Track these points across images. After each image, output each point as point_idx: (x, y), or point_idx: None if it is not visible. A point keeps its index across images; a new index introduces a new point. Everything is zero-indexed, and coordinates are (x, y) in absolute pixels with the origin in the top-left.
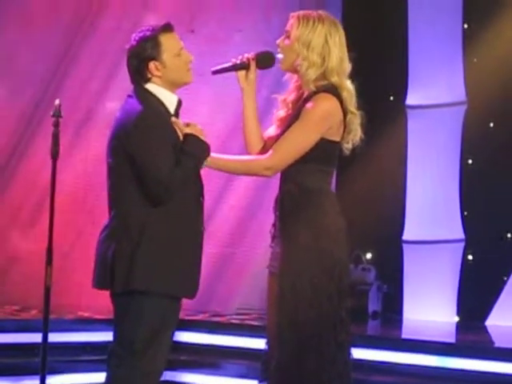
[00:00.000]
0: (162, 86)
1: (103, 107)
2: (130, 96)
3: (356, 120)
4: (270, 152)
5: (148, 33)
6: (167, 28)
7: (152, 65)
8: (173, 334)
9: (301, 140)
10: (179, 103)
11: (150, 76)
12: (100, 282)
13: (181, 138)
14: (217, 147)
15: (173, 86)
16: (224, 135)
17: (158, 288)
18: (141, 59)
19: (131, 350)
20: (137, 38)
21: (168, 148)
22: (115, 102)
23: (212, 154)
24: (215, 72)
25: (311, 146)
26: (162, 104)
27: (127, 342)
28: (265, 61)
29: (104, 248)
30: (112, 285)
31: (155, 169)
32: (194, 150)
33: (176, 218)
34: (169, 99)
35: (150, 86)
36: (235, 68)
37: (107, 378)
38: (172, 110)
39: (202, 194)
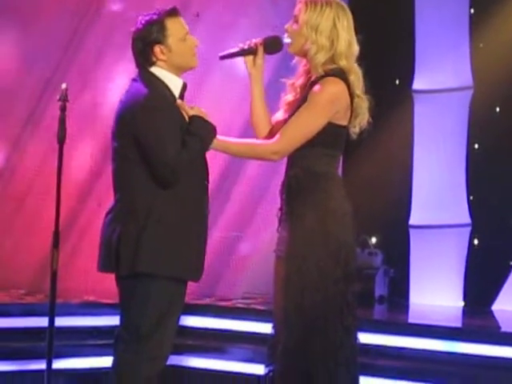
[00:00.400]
0: (166, 70)
1: (110, 93)
2: (134, 80)
3: (363, 104)
4: (277, 136)
5: (154, 17)
6: (173, 12)
7: (157, 48)
8: (179, 318)
9: (308, 124)
10: (184, 87)
11: (154, 60)
12: (105, 265)
13: (186, 120)
14: (222, 131)
15: (178, 70)
16: (229, 119)
17: (164, 271)
18: (146, 42)
19: (137, 335)
20: (143, 22)
21: (174, 130)
22: (120, 88)
23: (219, 137)
24: (222, 57)
25: (318, 130)
26: (167, 87)
27: (133, 326)
28: (273, 46)
29: (109, 231)
30: (117, 268)
31: (162, 151)
32: (200, 131)
33: (182, 201)
34: (174, 82)
35: (154, 70)
36: (243, 53)
37: (114, 362)
38: (177, 93)
39: (206, 178)
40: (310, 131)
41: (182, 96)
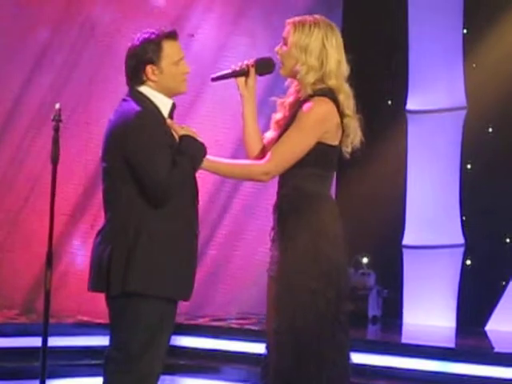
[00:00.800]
0: (155, 90)
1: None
2: (124, 100)
3: (354, 123)
4: (267, 157)
5: (152, 36)
6: (172, 35)
7: (149, 68)
8: (170, 337)
9: (297, 144)
10: (173, 106)
11: (145, 79)
12: (96, 285)
13: (177, 139)
14: (215, 150)
15: (167, 92)
16: (223, 139)
17: (155, 291)
18: (140, 60)
19: (128, 354)
20: (140, 39)
21: (165, 149)
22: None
23: (209, 157)
24: (215, 79)
25: (308, 150)
26: (156, 107)
27: (124, 345)
28: (264, 67)
29: (100, 250)
30: (108, 288)
31: (153, 170)
32: (191, 150)
33: (172, 221)
34: (163, 102)
35: (143, 89)
36: (235, 75)
37: (104, 382)
38: (166, 113)
39: (197, 198)
40: (300, 151)
41: (171, 116)
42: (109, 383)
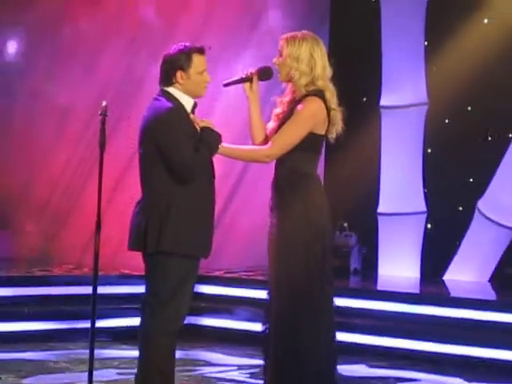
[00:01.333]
0: (181, 91)
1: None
2: (156, 99)
3: (338, 115)
4: (269, 143)
5: (185, 48)
6: (201, 50)
7: (179, 73)
8: (193, 286)
9: (293, 134)
10: (195, 105)
11: (174, 81)
12: (135, 245)
13: (198, 130)
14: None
15: (189, 94)
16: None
17: (181, 250)
18: (172, 66)
19: (159, 300)
20: (176, 49)
21: (189, 138)
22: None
23: (224, 144)
24: (226, 85)
25: (301, 138)
26: (181, 104)
27: (156, 293)
28: (265, 74)
29: (138, 220)
30: (145, 247)
31: (179, 154)
32: (209, 139)
33: (194, 195)
34: (187, 101)
35: (171, 90)
36: (241, 81)
37: (141, 322)
38: (189, 109)
39: (213, 176)
40: (295, 139)
41: (192, 112)
42: (145, 322)
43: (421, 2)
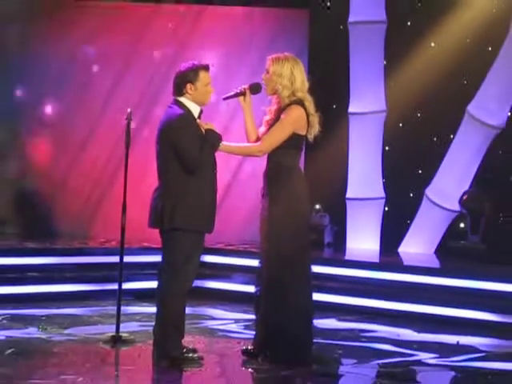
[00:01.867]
0: (190, 100)
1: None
2: (169, 106)
3: (315, 119)
4: (260, 141)
5: (194, 66)
6: (206, 67)
7: (189, 86)
8: (200, 256)
9: (279, 134)
10: (201, 111)
11: (184, 92)
12: (154, 224)
13: (203, 132)
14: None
15: (197, 103)
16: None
17: (190, 226)
18: (183, 80)
19: (173, 267)
20: (186, 66)
21: (196, 138)
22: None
23: (224, 143)
24: (225, 98)
25: (286, 137)
26: (190, 111)
27: (171, 262)
28: (255, 89)
29: (156, 203)
30: (162, 225)
31: (189, 151)
32: (212, 139)
33: (201, 183)
34: (194, 108)
35: (182, 99)
36: (237, 95)
37: (158, 285)
38: (196, 115)
39: (215, 168)
40: (281, 138)
41: (199, 117)
42: (162, 285)
43: (381, 30)
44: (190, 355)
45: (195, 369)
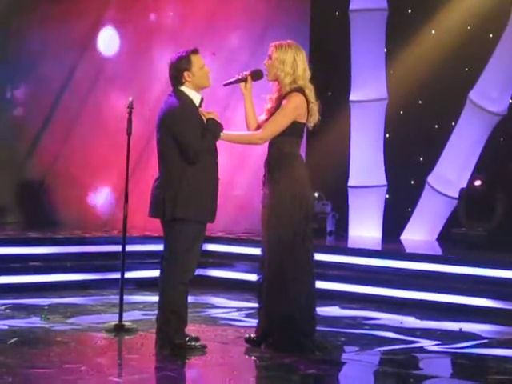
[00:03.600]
0: (191, 88)
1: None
2: (170, 95)
3: (315, 108)
4: (261, 129)
5: (184, 54)
6: (195, 51)
7: (186, 73)
8: (201, 245)
9: (280, 121)
10: (202, 100)
11: (184, 81)
12: (155, 213)
13: (204, 120)
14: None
15: (198, 88)
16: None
17: (191, 217)
18: (179, 70)
19: (175, 256)
20: (176, 57)
21: (196, 126)
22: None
23: (225, 131)
24: (225, 84)
25: (287, 125)
26: (191, 100)
27: (172, 250)
28: (256, 75)
29: (157, 192)
30: (163, 215)
31: (189, 141)
32: (213, 128)
33: (202, 172)
34: (195, 97)
35: (183, 88)
36: (238, 81)
37: (160, 273)
38: (197, 103)
39: (217, 157)
40: (282, 126)
41: (200, 105)
42: (163, 273)
43: (382, 17)
44: (193, 343)
45: (198, 357)
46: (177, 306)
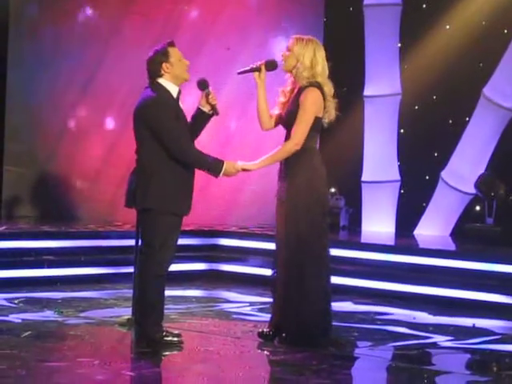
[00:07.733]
0: (169, 81)
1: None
2: (146, 87)
3: (332, 105)
4: (292, 136)
5: (160, 47)
6: (172, 43)
7: (164, 65)
8: (177, 238)
9: (306, 121)
10: (179, 92)
11: (162, 73)
12: (129, 203)
13: (182, 111)
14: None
15: (177, 80)
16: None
17: (164, 208)
18: (157, 62)
19: (151, 248)
20: (154, 51)
21: (173, 118)
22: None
23: (255, 162)
24: (239, 73)
25: (313, 120)
26: (168, 91)
27: (148, 243)
28: (271, 65)
29: (131, 183)
30: (135, 203)
31: (173, 136)
32: (213, 168)
33: (175, 165)
34: (172, 88)
35: (161, 80)
36: (252, 70)
37: (136, 266)
38: (175, 95)
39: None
40: (309, 123)
41: (178, 98)
42: (139, 266)
43: (396, 12)
44: (169, 338)
45: (174, 352)
46: (153, 298)
